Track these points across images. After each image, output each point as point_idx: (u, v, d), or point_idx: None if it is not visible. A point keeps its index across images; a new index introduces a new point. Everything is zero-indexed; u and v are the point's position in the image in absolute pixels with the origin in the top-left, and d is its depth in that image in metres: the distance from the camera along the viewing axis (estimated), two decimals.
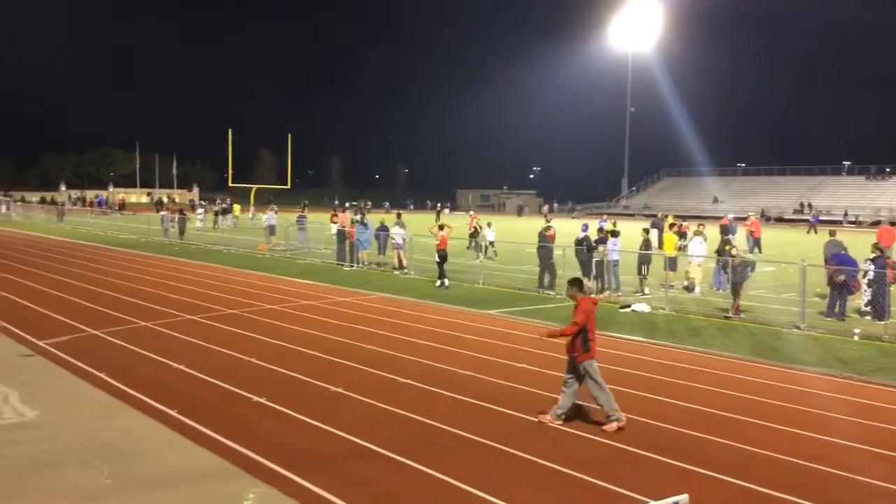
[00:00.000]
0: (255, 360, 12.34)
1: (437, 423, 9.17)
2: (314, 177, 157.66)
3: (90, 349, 13.02)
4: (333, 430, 8.84)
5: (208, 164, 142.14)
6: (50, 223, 53.43)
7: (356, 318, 16.54)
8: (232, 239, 37.67)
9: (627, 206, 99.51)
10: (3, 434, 8.70)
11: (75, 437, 8.63)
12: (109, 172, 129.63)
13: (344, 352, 13.02)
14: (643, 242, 21.18)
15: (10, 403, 9.82)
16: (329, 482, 7.30)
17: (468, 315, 17.23)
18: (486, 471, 7.71)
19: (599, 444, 8.58)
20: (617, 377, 11.57)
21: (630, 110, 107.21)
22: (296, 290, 20.83)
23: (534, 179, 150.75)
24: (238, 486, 7.34)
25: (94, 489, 7.13)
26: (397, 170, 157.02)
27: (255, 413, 9.59)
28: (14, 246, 34.32)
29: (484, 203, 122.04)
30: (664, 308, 17.97)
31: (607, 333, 15.10)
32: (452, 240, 24.08)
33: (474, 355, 12.93)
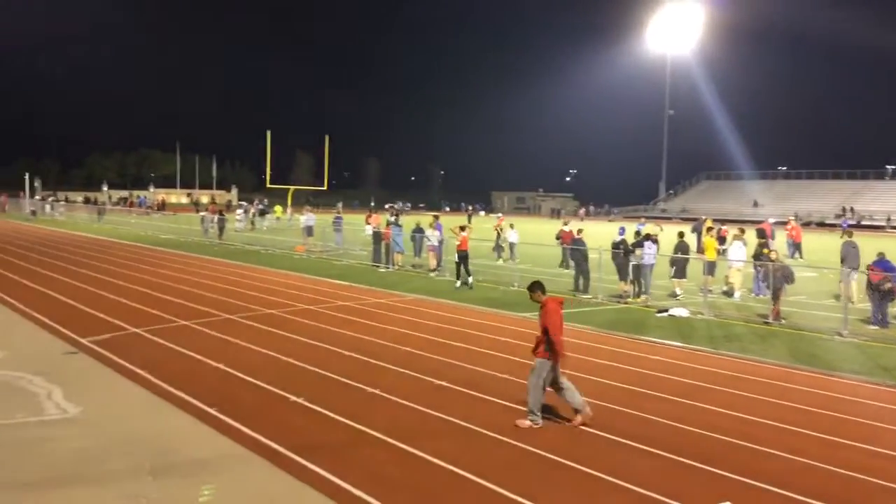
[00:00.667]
0: (293, 359, 12.45)
1: (475, 426, 9.15)
2: (350, 178, 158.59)
3: (131, 347, 13.24)
4: (371, 432, 8.87)
5: (247, 166, 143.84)
6: (92, 223, 54.45)
7: (392, 319, 16.60)
8: (270, 240, 38.06)
9: (665, 210, 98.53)
10: (47, 430, 8.87)
11: (117, 433, 8.78)
12: (150, 173, 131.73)
13: (380, 353, 13.07)
14: (677, 245, 21.00)
15: (53, 400, 10.01)
16: (367, 483, 7.33)
17: (503, 318, 17.19)
18: (526, 476, 7.68)
19: (642, 452, 8.48)
20: (654, 383, 11.48)
21: (669, 112, 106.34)
22: (332, 291, 20.96)
23: (570, 182, 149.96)
24: (278, 484, 7.40)
25: (136, 484, 7.24)
26: (433, 172, 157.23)
27: (293, 412, 9.67)
28: (58, 245, 35.05)
29: (519, 205, 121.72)
30: (703, 313, 17.75)
31: (644, 338, 14.99)
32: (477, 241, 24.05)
33: (510, 358, 12.89)
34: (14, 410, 9.47)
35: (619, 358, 13.18)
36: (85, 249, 32.83)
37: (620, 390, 11.02)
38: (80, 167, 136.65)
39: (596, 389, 10.97)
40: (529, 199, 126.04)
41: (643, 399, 10.58)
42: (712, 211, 71.92)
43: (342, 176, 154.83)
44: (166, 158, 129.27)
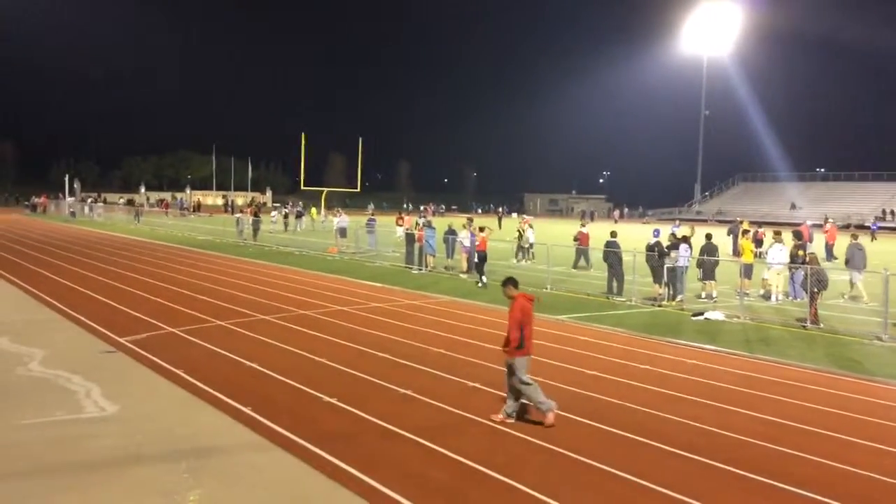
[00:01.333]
0: (326, 360, 12.52)
1: (507, 429, 9.13)
2: (383, 180, 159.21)
3: (168, 346, 13.42)
4: (404, 433, 8.88)
5: (281, 168, 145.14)
6: (129, 224, 55.32)
7: (424, 321, 16.62)
8: (303, 241, 38.35)
9: (700, 212, 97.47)
10: (86, 427, 9.02)
11: (154, 432, 8.90)
12: (187, 175, 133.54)
13: (412, 354, 13.09)
14: (703, 247, 20.75)
15: (92, 398, 10.18)
16: (401, 485, 7.34)
17: (537, 320, 17.06)
18: (555, 477, 7.63)
19: (674, 455, 8.39)
20: (690, 387, 11.35)
21: (704, 113, 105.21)
22: (365, 293, 21.05)
23: (603, 184, 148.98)
24: (310, 485, 7.45)
25: (172, 483, 7.33)
26: (466, 174, 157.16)
27: (326, 413, 9.72)
28: (97, 245, 35.66)
29: (552, 207, 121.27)
30: (739, 316, 17.52)
31: (679, 342, 14.83)
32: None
33: (544, 361, 12.82)
34: (54, 408, 9.65)
35: (654, 361, 13.05)
36: (123, 250, 33.36)
37: (655, 394, 10.91)
38: (118, 169, 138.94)
39: (631, 393, 10.89)
40: (562, 201, 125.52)
41: (677, 402, 10.46)
42: (749, 213, 71.11)
43: (375, 178, 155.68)
44: (203, 161, 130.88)
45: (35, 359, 12.26)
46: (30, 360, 12.20)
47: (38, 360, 12.15)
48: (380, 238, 34.88)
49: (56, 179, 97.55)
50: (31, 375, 11.31)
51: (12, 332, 14.31)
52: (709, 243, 21.10)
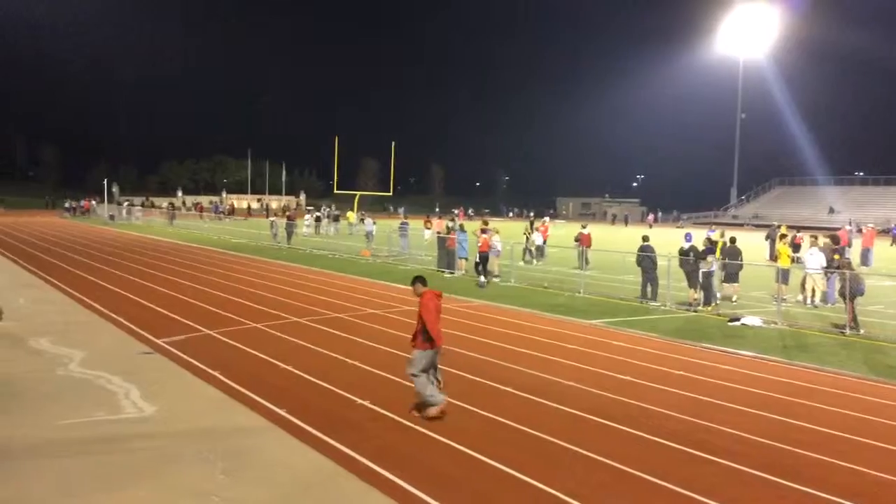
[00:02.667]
0: (359, 363, 12.60)
1: (540, 433, 9.11)
2: (415, 184, 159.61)
3: (204, 348, 13.60)
4: (437, 437, 8.91)
5: (315, 172, 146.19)
6: (168, 227, 56.12)
7: (457, 325, 16.63)
8: (336, 244, 38.61)
9: (736, 216, 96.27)
10: (124, 428, 9.18)
11: (190, 433, 9.03)
12: (223, 179, 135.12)
13: (446, 359, 13.08)
14: (726, 250, 20.44)
15: (130, 399, 10.36)
16: (433, 487, 7.37)
17: (569, 324, 17.06)
18: (592, 484, 7.60)
19: (712, 462, 8.31)
20: (726, 393, 11.23)
21: (741, 116, 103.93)
22: (397, 296, 21.12)
23: (637, 188, 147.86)
24: (344, 486, 7.50)
25: (209, 484, 7.44)
26: (498, 177, 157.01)
27: (360, 415, 9.78)
28: (135, 248, 36.24)
29: (585, 211, 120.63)
30: (776, 322, 17.28)
31: (715, 347, 14.67)
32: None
33: (577, 365, 12.79)
34: (93, 409, 9.83)
35: (689, 367, 12.93)
36: (160, 253, 33.86)
37: (690, 400, 10.81)
38: (155, 173, 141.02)
39: (665, 398, 10.80)
40: (595, 204, 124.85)
41: (712, 408, 10.36)
42: (786, 217, 70.01)
43: (408, 181, 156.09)
44: (238, 165, 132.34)
45: (75, 360, 12.51)
46: (70, 361, 12.45)
47: (78, 361, 12.39)
48: (412, 241, 35.02)
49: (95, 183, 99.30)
50: (72, 376, 11.54)
51: (53, 334, 14.61)
52: (732, 246, 20.88)
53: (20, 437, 8.69)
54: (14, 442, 8.48)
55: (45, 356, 12.81)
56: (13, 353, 13.10)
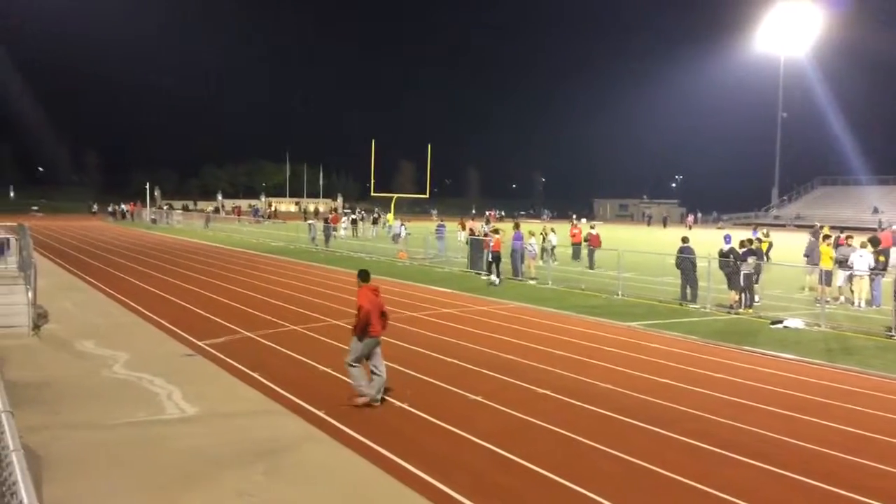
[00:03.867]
0: (396, 365, 12.65)
1: (577, 435, 9.09)
2: (452, 186, 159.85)
3: (245, 350, 13.79)
4: (473, 438, 8.94)
5: (352, 175, 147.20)
6: (208, 231, 56.94)
7: (494, 326, 16.64)
8: (373, 247, 38.83)
9: (778, 217, 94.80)
10: (167, 429, 9.36)
11: (231, 433, 9.17)
12: (262, 182, 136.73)
13: (481, 360, 13.14)
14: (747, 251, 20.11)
15: (173, 400, 10.55)
16: (469, 490, 7.40)
17: (607, 327, 16.95)
18: (628, 487, 7.57)
19: (749, 465, 8.22)
20: (766, 396, 11.08)
21: (782, 115, 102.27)
22: (434, 298, 21.20)
23: (676, 188, 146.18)
24: (381, 486, 7.57)
25: (249, 484, 7.55)
26: (534, 179, 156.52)
27: (398, 417, 9.85)
28: (176, 251, 36.84)
29: (622, 213, 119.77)
30: (819, 324, 16.99)
31: (756, 350, 14.48)
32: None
33: (614, 368, 12.72)
34: (137, 410, 10.03)
35: (730, 370, 12.77)
36: (201, 256, 34.38)
37: (730, 403, 10.69)
38: (196, 177, 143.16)
39: (706, 402, 10.69)
40: (632, 206, 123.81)
41: (755, 413, 10.22)
42: (829, 218, 68.71)
43: (444, 183, 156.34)
44: (276, 168, 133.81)
45: (119, 361, 12.77)
46: (114, 362, 12.71)
47: (122, 363, 12.65)
48: (448, 244, 35.10)
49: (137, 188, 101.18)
50: (116, 377, 11.79)
51: (98, 336, 14.93)
52: (756, 248, 20.61)
53: (66, 437, 8.90)
54: (61, 442, 8.69)
55: (90, 358, 13.10)
56: (59, 354, 13.43)
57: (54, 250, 36.03)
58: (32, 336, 14.87)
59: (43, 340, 14.60)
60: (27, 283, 15.55)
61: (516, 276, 25.81)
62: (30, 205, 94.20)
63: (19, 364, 12.37)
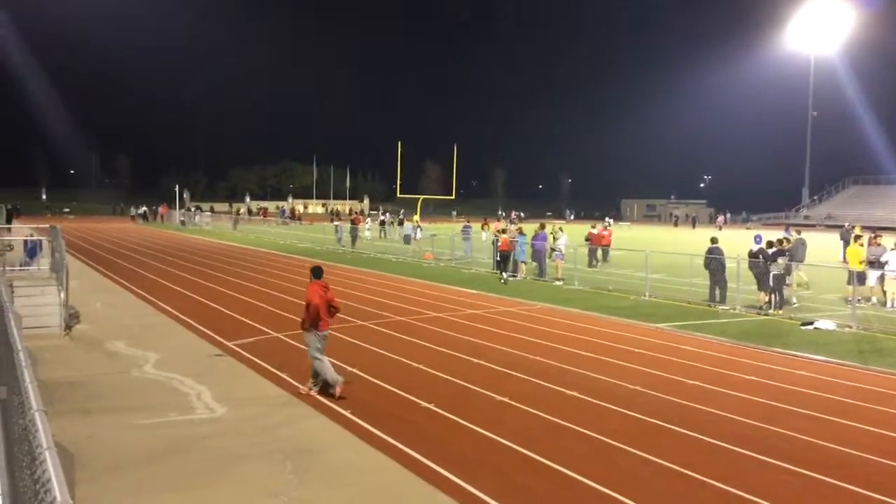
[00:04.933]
0: (423, 366, 12.68)
1: (605, 437, 9.02)
2: (478, 188, 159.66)
3: (273, 350, 13.88)
4: (501, 440, 8.91)
5: (378, 176, 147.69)
6: (236, 232, 57.42)
7: (520, 328, 16.59)
8: (399, 248, 38.91)
9: (808, 217, 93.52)
10: (196, 428, 9.44)
11: (260, 433, 9.23)
12: (289, 184, 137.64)
13: (508, 361, 13.10)
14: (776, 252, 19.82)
15: (202, 400, 10.64)
16: (497, 491, 7.38)
17: (635, 328, 16.83)
18: (658, 491, 7.50)
19: (781, 469, 8.10)
20: (799, 398, 10.93)
21: (812, 114, 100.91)
22: (461, 299, 21.19)
23: (704, 189, 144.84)
24: (409, 487, 7.57)
25: (278, 483, 7.59)
26: (561, 180, 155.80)
27: (424, 418, 9.85)
28: (205, 253, 37.18)
29: (650, 213, 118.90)
30: (850, 326, 16.73)
31: (787, 352, 14.29)
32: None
33: (643, 370, 12.61)
34: (167, 409, 10.13)
35: (760, 372, 12.62)
36: (229, 257, 34.67)
37: (761, 405, 10.55)
38: (224, 179, 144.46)
39: (736, 404, 10.56)
40: (660, 206, 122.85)
41: (786, 415, 10.09)
42: (860, 218, 67.70)
43: (470, 185, 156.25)
44: (304, 170, 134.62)
45: (149, 361, 12.91)
46: (144, 362, 12.86)
47: (153, 363, 12.78)
48: (474, 244, 35.06)
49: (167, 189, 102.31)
50: (146, 377, 11.92)
51: (129, 336, 15.10)
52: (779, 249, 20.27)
53: (98, 436, 9.01)
54: (93, 441, 8.80)
55: (121, 358, 13.26)
56: (91, 355, 13.60)
57: (85, 252, 36.53)
58: (64, 336, 15.09)
59: (74, 341, 14.81)
60: (59, 285, 15.77)
61: (542, 277, 25.75)
62: (61, 207, 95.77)
63: (51, 364, 12.55)
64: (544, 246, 26.53)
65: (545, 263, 26.18)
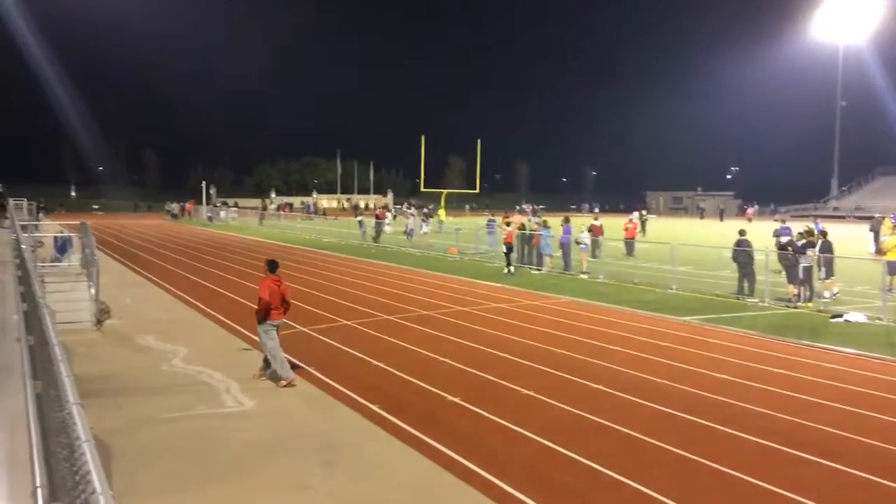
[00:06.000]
0: (449, 360, 12.70)
1: (633, 431, 8.98)
2: (501, 181, 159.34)
3: (299, 345, 13.96)
4: (527, 433, 8.91)
5: (402, 171, 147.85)
6: (262, 228, 57.82)
7: (546, 321, 16.55)
8: (423, 242, 38.95)
9: (837, 208, 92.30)
10: (226, 422, 9.53)
11: (287, 427, 9.30)
12: (313, 180, 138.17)
13: (534, 355, 13.08)
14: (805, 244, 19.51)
15: (231, 393, 10.75)
16: (526, 485, 7.38)
17: (662, 321, 16.72)
18: (687, 485, 7.46)
19: (812, 463, 8.02)
20: (829, 392, 10.81)
21: (841, 104, 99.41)
22: (485, 293, 21.17)
23: (731, 180, 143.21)
24: (437, 481, 7.59)
25: (306, 476, 7.65)
26: (585, 173, 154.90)
27: (451, 412, 9.87)
28: (232, 248, 37.49)
29: (676, 206, 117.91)
30: (881, 318, 16.49)
31: (817, 344, 14.12)
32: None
33: (669, 363, 12.54)
34: (196, 403, 10.25)
35: (789, 365, 12.49)
36: (256, 252, 34.90)
37: (791, 399, 10.45)
38: (249, 175, 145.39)
39: (767, 398, 10.47)
40: (686, 198, 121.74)
41: (818, 409, 9.98)
42: (891, 208, 66.62)
43: (494, 179, 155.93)
44: (328, 165, 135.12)
45: (179, 356, 13.06)
46: (174, 356, 13.00)
47: (182, 357, 12.93)
48: (499, 238, 35.00)
49: (193, 186, 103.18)
50: (176, 371, 12.06)
51: (158, 331, 15.28)
52: (825, 241, 20.00)
53: (130, 429, 9.14)
54: (124, 434, 8.92)
55: (151, 352, 13.43)
56: (121, 349, 13.79)
57: (114, 248, 36.97)
58: (95, 331, 15.31)
59: (105, 335, 15.02)
60: (90, 280, 15.98)
61: (567, 271, 25.66)
62: (90, 203, 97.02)
63: (83, 358, 12.73)
64: (570, 239, 26.42)
65: (570, 257, 26.08)
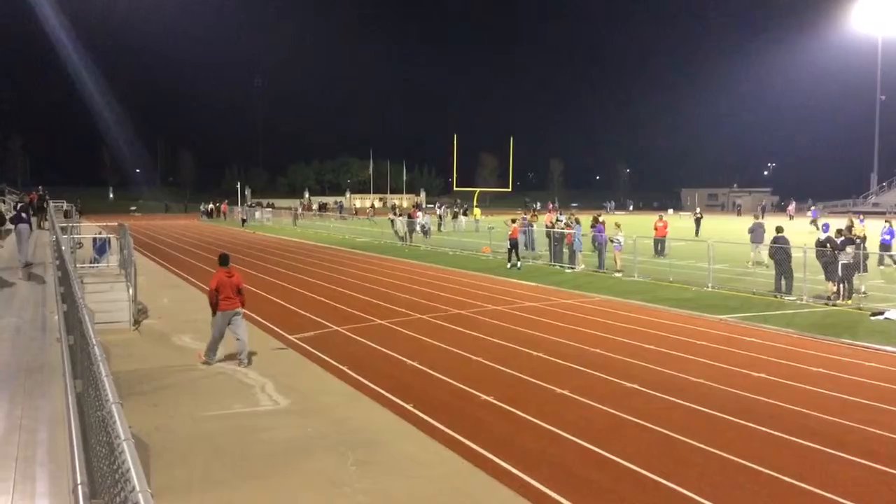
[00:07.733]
0: (482, 359, 12.69)
1: (669, 431, 8.90)
2: (534, 179, 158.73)
3: (334, 344, 14.06)
4: (562, 433, 8.87)
5: (434, 170, 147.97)
6: (296, 228, 58.28)
7: (579, 320, 16.47)
8: (456, 241, 38.97)
9: (877, 204, 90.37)
10: (261, 420, 9.63)
11: (323, 425, 9.37)
12: (346, 179, 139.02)
13: (568, 354, 13.02)
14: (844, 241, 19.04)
15: (266, 392, 10.85)
16: (560, 484, 7.35)
17: (699, 320, 16.53)
18: (724, 486, 7.37)
19: (855, 464, 7.88)
20: (869, 391, 10.61)
21: (880, 98, 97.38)
22: (518, 292, 21.12)
23: (768, 176, 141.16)
24: (471, 480, 7.59)
25: (341, 474, 7.70)
26: (619, 170, 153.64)
27: (485, 411, 9.86)
28: (266, 249, 37.85)
29: (711, 202, 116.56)
30: None
31: (856, 343, 13.86)
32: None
33: (706, 362, 12.40)
34: (232, 401, 10.37)
35: (828, 363, 12.28)
36: (289, 252, 35.22)
37: (830, 398, 10.27)
38: (283, 175, 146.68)
39: (805, 397, 10.31)
40: (722, 195, 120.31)
41: (858, 408, 9.80)
42: None
43: (527, 177, 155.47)
44: (361, 165, 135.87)
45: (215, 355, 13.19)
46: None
47: (218, 357, 13.06)
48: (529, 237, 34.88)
49: (228, 186, 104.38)
50: (212, 370, 12.20)
51: (194, 331, 15.48)
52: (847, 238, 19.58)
53: (167, 428, 9.27)
54: (162, 433, 9.05)
55: (188, 352, 13.61)
56: (159, 348, 13.99)
57: (151, 248, 37.52)
58: (133, 331, 15.55)
59: (143, 335, 15.25)
60: (128, 281, 16.23)
61: (601, 269, 25.48)
62: (128, 205, 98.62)
63: (121, 358, 12.93)
64: (604, 237, 26.24)
65: (604, 255, 25.90)
